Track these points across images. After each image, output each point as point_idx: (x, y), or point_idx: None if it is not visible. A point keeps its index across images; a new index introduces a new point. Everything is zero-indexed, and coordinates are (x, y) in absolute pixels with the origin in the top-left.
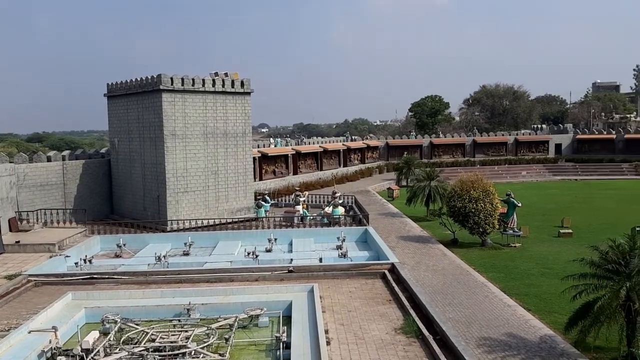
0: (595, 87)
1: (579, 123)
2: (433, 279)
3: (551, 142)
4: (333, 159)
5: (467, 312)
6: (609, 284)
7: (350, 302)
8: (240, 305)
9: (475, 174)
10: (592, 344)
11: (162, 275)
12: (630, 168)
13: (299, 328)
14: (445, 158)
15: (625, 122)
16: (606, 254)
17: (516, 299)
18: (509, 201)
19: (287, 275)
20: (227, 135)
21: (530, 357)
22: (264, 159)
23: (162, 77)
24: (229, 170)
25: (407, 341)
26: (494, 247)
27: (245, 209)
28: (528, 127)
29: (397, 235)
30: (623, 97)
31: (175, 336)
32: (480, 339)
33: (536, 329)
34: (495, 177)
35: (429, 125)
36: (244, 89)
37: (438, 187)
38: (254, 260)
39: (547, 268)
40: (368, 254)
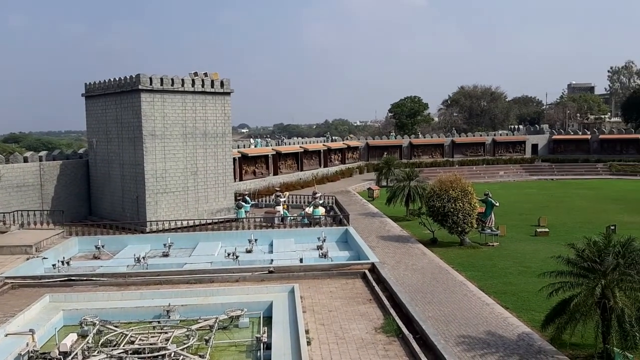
0: (570, 88)
1: (555, 124)
2: (413, 278)
3: (528, 142)
4: (313, 159)
5: (447, 310)
6: (585, 281)
7: (330, 302)
8: (221, 306)
9: (454, 174)
10: (569, 341)
11: (142, 276)
12: (604, 168)
13: (280, 328)
14: (424, 158)
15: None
16: (582, 252)
17: (494, 297)
18: (487, 201)
19: (267, 276)
20: (206, 135)
21: (508, 355)
22: (244, 160)
23: (141, 77)
24: (208, 170)
25: (388, 340)
26: (472, 246)
27: (225, 210)
28: (505, 128)
29: (377, 235)
30: (597, 98)
31: (154, 338)
32: (460, 337)
33: (514, 326)
34: (474, 177)
35: (409, 126)
36: (223, 89)
37: (417, 187)
38: (234, 261)
39: (524, 266)
40: (348, 254)
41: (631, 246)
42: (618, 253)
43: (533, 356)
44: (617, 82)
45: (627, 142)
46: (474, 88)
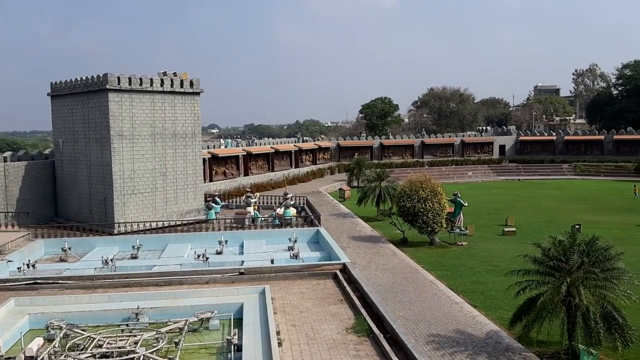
0: (536, 90)
1: (522, 125)
2: (383, 278)
3: (495, 143)
4: (284, 160)
5: (417, 309)
6: (551, 280)
7: (302, 303)
8: (191, 309)
9: (424, 175)
10: (536, 339)
11: (109, 279)
12: (569, 168)
13: (251, 330)
14: (395, 159)
15: (565, 124)
16: (548, 251)
17: (463, 296)
18: (456, 201)
19: (238, 278)
20: (176, 136)
21: (476, 353)
22: (214, 160)
23: (109, 77)
24: (178, 171)
25: (358, 340)
26: (442, 245)
27: (195, 211)
28: (474, 129)
29: (349, 236)
30: (563, 100)
31: (123, 341)
32: (429, 336)
33: (482, 324)
34: (443, 178)
35: (379, 127)
36: (193, 89)
37: (388, 187)
38: (204, 263)
39: (492, 265)
40: (320, 255)
41: (595, 245)
42: (583, 252)
43: (501, 354)
44: (581, 84)
45: (591, 143)
46: (443, 90)
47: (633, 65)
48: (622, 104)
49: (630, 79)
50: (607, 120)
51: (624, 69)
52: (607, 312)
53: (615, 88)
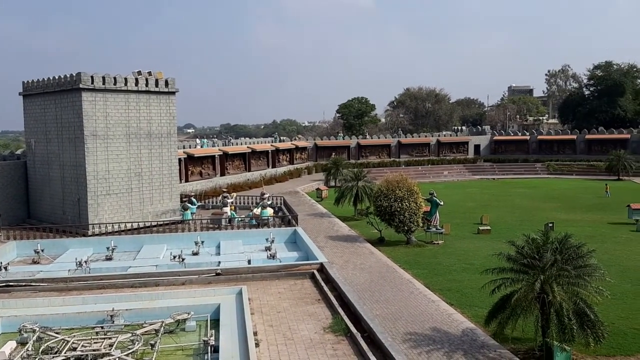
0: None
1: (496, 125)
2: (361, 277)
3: (470, 143)
4: (261, 160)
5: (394, 308)
6: (525, 277)
7: (279, 303)
8: (167, 310)
9: (401, 174)
10: (510, 336)
11: (84, 281)
12: (542, 167)
13: (228, 331)
14: (372, 159)
15: (538, 124)
16: (521, 249)
17: (439, 294)
18: (432, 200)
19: (214, 278)
20: (151, 135)
21: (452, 350)
22: (190, 160)
23: (82, 76)
24: (153, 171)
25: (336, 339)
26: (418, 244)
27: (170, 212)
28: (449, 129)
29: (326, 235)
30: (536, 100)
31: (98, 344)
32: (406, 334)
33: (458, 322)
34: (419, 177)
35: (356, 127)
36: (168, 89)
37: (365, 187)
38: (181, 264)
39: (467, 263)
40: (297, 255)
41: (568, 243)
42: (556, 249)
43: (477, 351)
44: (554, 85)
45: (564, 142)
46: (419, 90)
47: (604, 66)
48: (594, 104)
49: (601, 80)
50: (579, 120)
51: (595, 70)
52: (580, 309)
53: (587, 88)
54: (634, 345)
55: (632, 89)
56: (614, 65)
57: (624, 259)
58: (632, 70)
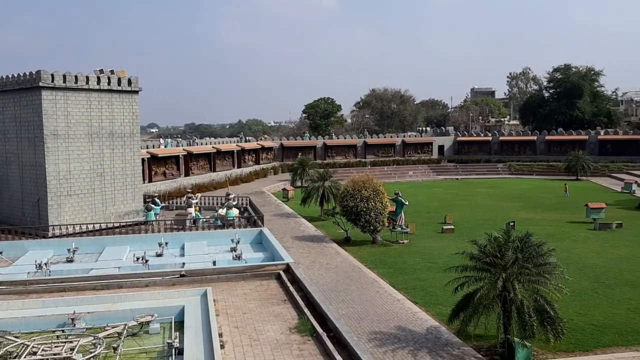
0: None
1: (460, 126)
2: (327, 277)
3: (435, 143)
4: (227, 160)
5: (359, 308)
6: (487, 275)
7: (245, 304)
8: (130, 313)
9: (366, 174)
10: (473, 333)
11: (44, 284)
12: (504, 167)
13: (192, 333)
14: (338, 159)
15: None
16: (484, 248)
17: (404, 293)
18: (397, 200)
19: (179, 280)
20: (113, 135)
21: (417, 349)
22: (153, 160)
23: (42, 74)
24: (116, 172)
25: (302, 340)
26: (383, 244)
27: (133, 212)
28: (414, 130)
29: (292, 236)
30: (498, 102)
31: (58, 348)
32: (372, 334)
33: (423, 321)
34: (385, 177)
35: (322, 127)
36: (131, 87)
37: (331, 187)
38: (144, 266)
39: (432, 262)
40: (263, 255)
41: (528, 241)
42: (517, 248)
43: (441, 349)
44: (515, 87)
45: (525, 143)
46: (385, 91)
47: (563, 69)
48: (553, 106)
49: (560, 82)
50: (539, 121)
51: (555, 73)
52: (540, 306)
53: (547, 91)
54: (591, 341)
55: (589, 91)
56: (573, 68)
57: (582, 257)
58: (589, 73)
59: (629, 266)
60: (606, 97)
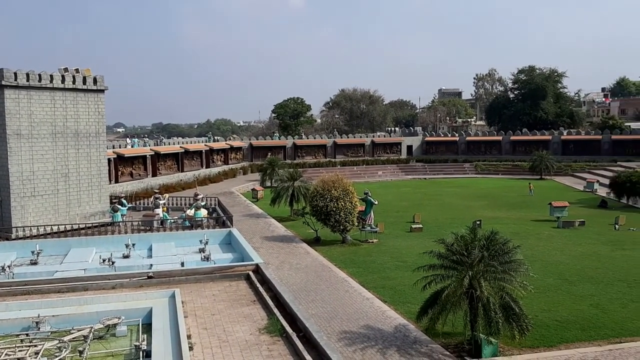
0: (440, 93)
1: (428, 126)
2: (297, 277)
3: (403, 144)
4: (195, 160)
5: (329, 307)
6: (454, 273)
7: (213, 306)
8: (96, 315)
9: (336, 174)
10: (441, 330)
11: (7, 286)
12: (471, 167)
13: (160, 335)
14: (308, 159)
15: (467, 126)
16: (451, 247)
17: (374, 292)
18: (366, 199)
19: (146, 282)
20: (78, 135)
21: (386, 347)
22: (120, 161)
23: (5, 72)
24: (81, 172)
25: (272, 340)
26: (353, 243)
27: (99, 214)
28: (383, 130)
29: (262, 236)
30: (465, 103)
31: (22, 352)
32: (341, 333)
33: (392, 319)
34: (355, 177)
35: (292, 127)
36: (97, 86)
37: (301, 187)
38: (110, 267)
39: (401, 261)
40: (232, 256)
41: (494, 239)
42: (483, 246)
43: (409, 346)
44: (481, 88)
45: (490, 143)
46: (354, 91)
47: (527, 70)
48: (518, 107)
49: (524, 84)
50: (504, 122)
51: (520, 74)
52: (506, 303)
53: (512, 92)
54: (555, 337)
55: (553, 92)
56: (537, 70)
57: (546, 255)
58: (553, 75)
59: (591, 263)
60: (569, 98)
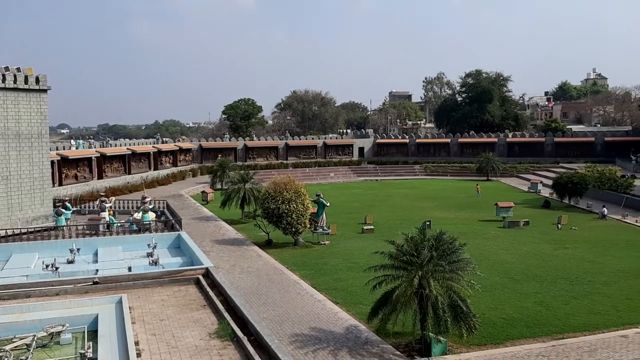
0: (391, 96)
1: (379, 128)
2: (248, 280)
3: (355, 145)
4: (143, 162)
5: (281, 310)
6: (404, 274)
7: (162, 311)
8: (39, 323)
9: (288, 176)
10: (392, 330)
11: None
12: (420, 169)
13: (107, 342)
14: (259, 161)
15: (417, 128)
16: (401, 247)
17: (325, 293)
18: (318, 201)
19: (92, 288)
20: (19, 136)
21: (338, 348)
22: (64, 163)
23: None
24: (22, 175)
25: (222, 345)
26: (305, 245)
27: (42, 218)
28: (335, 132)
29: (212, 239)
30: (414, 106)
31: None
32: (293, 336)
33: (343, 320)
34: (307, 179)
35: (243, 128)
36: (39, 86)
37: (252, 189)
38: (54, 273)
39: (352, 262)
40: (181, 260)
41: (442, 239)
42: (432, 246)
43: (361, 347)
44: (430, 91)
45: (439, 145)
46: (306, 93)
47: (474, 74)
48: (465, 110)
49: (471, 87)
50: (452, 124)
51: (467, 78)
52: (454, 302)
53: (459, 95)
54: (502, 334)
55: (499, 96)
56: (483, 73)
57: (493, 254)
58: (499, 79)
59: (536, 262)
60: (514, 101)
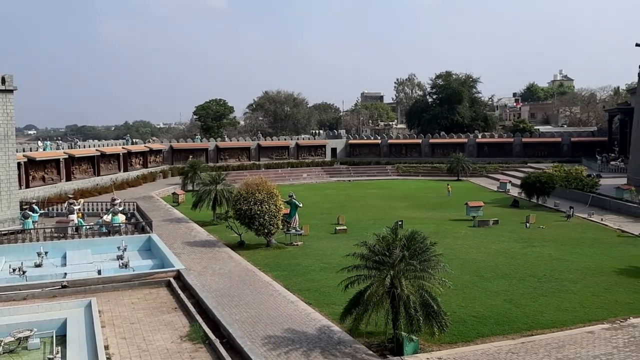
0: (363, 97)
1: (351, 129)
2: (220, 282)
3: (328, 146)
4: (112, 163)
5: (253, 312)
6: (376, 273)
7: (132, 314)
8: (6, 328)
9: (260, 177)
10: (365, 330)
11: None
12: (393, 169)
13: (76, 347)
14: (231, 162)
15: (389, 129)
16: (373, 247)
17: (298, 294)
18: (291, 202)
19: (60, 291)
20: None
21: (310, 349)
22: (31, 164)
23: None
24: None
25: (194, 348)
26: (278, 246)
27: (9, 221)
28: (307, 132)
29: (183, 241)
30: (386, 107)
31: None
32: (266, 337)
33: (316, 321)
34: (279, 180)
35: (214, 129)
36: (5, 86)
37: (224, 190)
38: (21, 277)
39: (325, 263)
40: (152, 263)
41: (414, 239)
42: (404, 246)
43: (333, 347)
44: (402, 92)
45: (411, 146)
46: (278, 93)
47: (444, 75)
48: (436, 111)
49: (442, 88)
50: (424, 125)
51: (437, 79)
52: (425, 300)
53: (430, 96)
54: (473, 332)
55: (468, 97)
56: (453, 75)
57: (463, 253)
58: (468, 80)
59: (505, 260)
60: (483, 102)
